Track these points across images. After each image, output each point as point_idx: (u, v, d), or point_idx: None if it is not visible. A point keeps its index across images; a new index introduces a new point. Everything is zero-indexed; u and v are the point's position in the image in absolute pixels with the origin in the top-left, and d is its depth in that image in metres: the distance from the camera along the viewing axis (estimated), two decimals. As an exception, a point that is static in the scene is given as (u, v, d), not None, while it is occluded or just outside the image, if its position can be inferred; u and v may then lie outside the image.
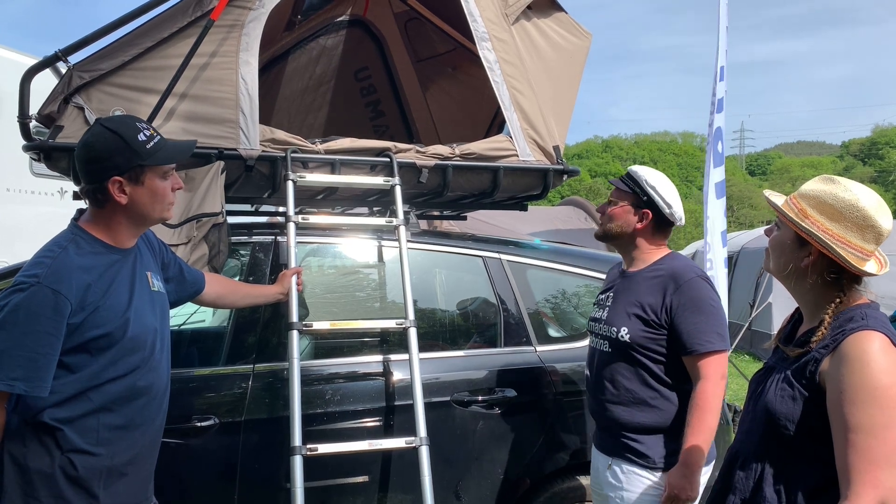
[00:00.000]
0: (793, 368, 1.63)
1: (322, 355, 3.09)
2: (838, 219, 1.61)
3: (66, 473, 1.87)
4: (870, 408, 1.46)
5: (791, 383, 1.61)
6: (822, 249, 1.61)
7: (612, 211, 2.52)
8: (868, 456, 1.45)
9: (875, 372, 1.47)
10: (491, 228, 6.94)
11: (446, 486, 2.89)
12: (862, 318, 1.58)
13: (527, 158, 3.40)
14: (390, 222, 3.05)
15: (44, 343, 1.81)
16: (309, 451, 2.57)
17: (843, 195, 1.62)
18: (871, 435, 1.45)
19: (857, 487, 1.45)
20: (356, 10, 4.80)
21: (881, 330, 1.53)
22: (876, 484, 1.44)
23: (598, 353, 2.52)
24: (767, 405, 1.64)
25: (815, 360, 1.58)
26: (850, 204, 1.60)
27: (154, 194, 2.00)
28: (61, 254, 1.90)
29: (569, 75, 3.63)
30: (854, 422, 1.47)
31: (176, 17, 2.82)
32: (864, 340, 1.51)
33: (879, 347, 1.50)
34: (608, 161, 63.81)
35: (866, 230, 1.60)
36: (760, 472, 1.64)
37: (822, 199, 1.63)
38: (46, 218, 5.95)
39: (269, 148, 2.98)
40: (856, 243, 1.60)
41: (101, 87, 2.77)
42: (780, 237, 1.71)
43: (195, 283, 2.42)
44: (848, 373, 1.49)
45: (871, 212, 1.60)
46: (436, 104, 4.81)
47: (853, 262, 1.58)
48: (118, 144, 1.93)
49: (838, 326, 1.59)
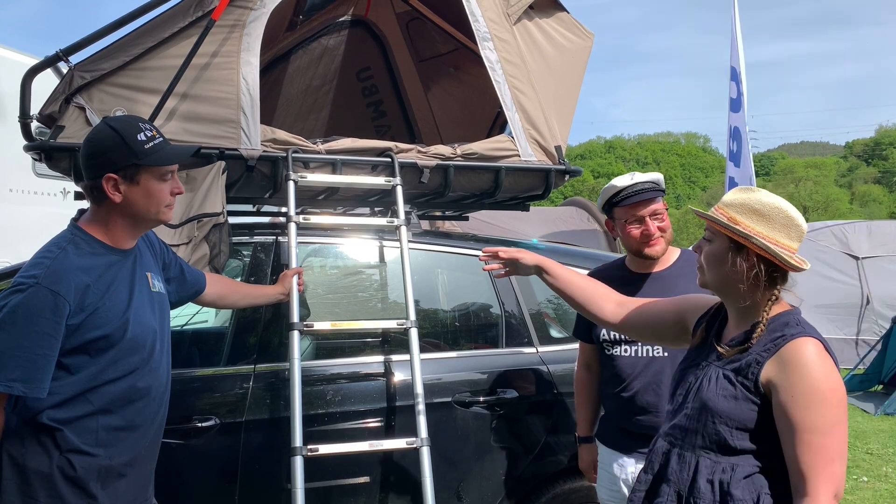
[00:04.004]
0: (732, 368, 1.72)
1: (323, 356, 3.09)
2: (767, 221, 1.72)
3: (65, 474, 1.87)
4: (820, 409, 1.59)
5: (732, 382, 1.71)
6: (758, 251, 1.71)
7: (662, 217, 2.53)
8: (823, 453, 1.58)
9: (818, 377, 1.61)
10: (493, 229, 6.95)
11: (447, 487, 2.89)
12: (797, 323, 1.71)
13: (529, 159, 3.40)
14: (392, 222, 3.05)
15: (42, 344, 1.81)
16: (310, 452, 2.56)
17: (767, 200, 1.74)
18: (824, 434, 1.58)
19: (815, 483, 1.57)
20: (358, 11, 4.80)
21: (815, 336, 1.67)
22: (832, 478, 1.58)
23: (650, 359, 2.48)
24: (707, 402, 1.73)
25: (756, 363, 1.68)
26: (775, 206, 1.73)
27: (149, 195, 1.99)
28: (60, 254, 1.89)
29: (571, 75, 3.63)
30: (807, 424, 1.59)
31: (177, 17, 2.82)
32: (804, 346, 1.64)
33: (817, 353, 1.63)
34: (611, 162, 63.82)
35: (791, 229, 1.73)
36: (696, 466, 1.73)
37: (749, 206, 1.74)
38: (49, 218, 5.95)
39: (270, 148, 2.97)
40: (784, 242, 1.71)
41: (102, 87, 2.77)
42: (714, 248, 1.79)
43: (196, 283, 2.42)
44: (797, 379, 1.61)
45: (792, 212, 1.74)
46: (437, 104, 4.81)
47: (787, 260, 1.69)
48: (115, 142, 1.94)
49: (776, 330, 1.70)
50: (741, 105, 5.66)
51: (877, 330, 9.28)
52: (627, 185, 2.51)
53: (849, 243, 9.94)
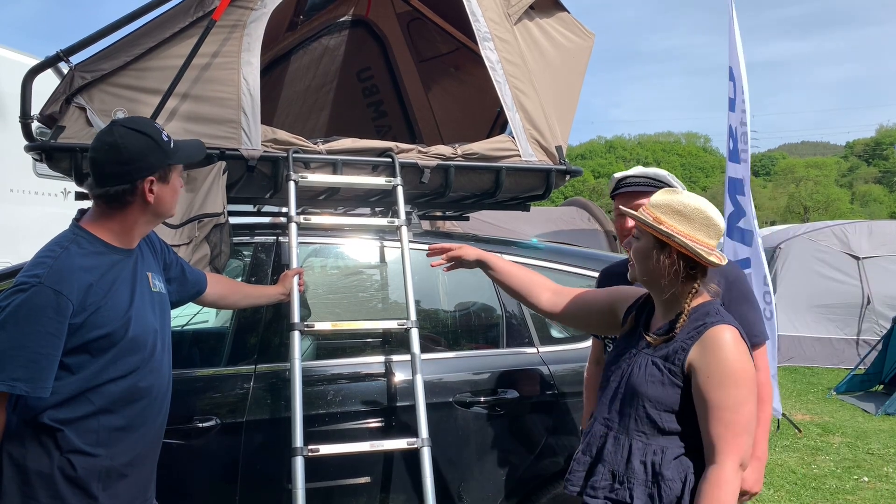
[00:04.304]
0: (661, 355, 1.91)
1: (324, 356, 3.09)
2: (688, 221, 1.90)
3: (65, 474, 1.87)
4: (731, 388, 1.80)
5: (660, 369, 1.89)
6: (679, 248, 1.89)
7: None
8: (732, 427, 1.78)
9: (733, 359, 1.81)
10: (493, 229, 6.95)
11: (448, 488, 2.88)
12: (717, 313, 1.91)
13: (529, 159, 3.39)
14: (392, 223, 3.05)
15: (45, 344, 1.81)
16: (310, 452, 2.56)
17: (689, 201, 1.92)
18: (733, 410, 1.79)
19: (724, 453, 1.78)
20: (358, 11, 4.80)
21: (732, 324, 1.88)
22: (738, 449, 1.79)
23: None
24: (637, 388, 1.91)
25: (683, 350, 1.87)
26: (696, 208, 1.91)
27: (175, 192, 2.09)
28: (63, 254, 1.89)
29: (571, 75, 3.62)
30: (720, 401, 1.79)
31: (178, 17, 2.82)
32: (722, 333, 1.84)
33: (733, 338, 1.84)
34: (611, 161, 63.82)
35: (710, 228, 1.90)
36: (629, 448, 1.90)
37: (673, 207, 1.92)
38: (50, 218, 5.95)
39: (270, 148, 2.97)
40: (703, 240, 1.89)
41: (102, 88, 2.77)
42: (642, 245, 1.97)
43: (197, 283, 2.42)
44: (713, 361, 1.82)
45: (711, 213, 1.91)
46: (438, 104, 4.81)
47: (705, 256, 1.87)
48: (150, 145, 1.98)
49: (698, 319, 1.90)
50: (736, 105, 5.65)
51: (877, 330, 9.27)
52: (623, 176, 2.52)
53: (849, 243, 9.93)
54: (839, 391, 8.06)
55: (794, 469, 5.48)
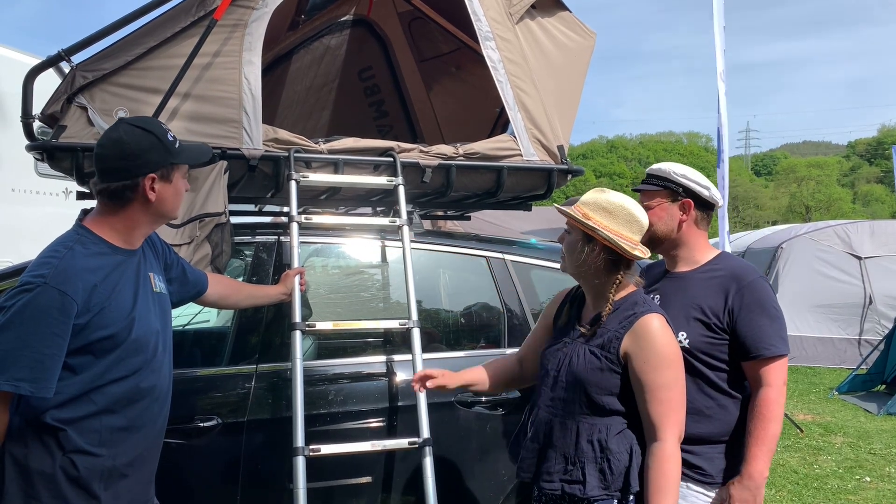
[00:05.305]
0: (597, 344, 2.06)
1: (325, 356, 3.08)
2: (613, 217, 2.06)
3: (67, 474, 1.87)
4: (665, 370, 1.98)
5: (598, 357, 2.05)
6: (604, 242, 2.04)
7: (652, 212, 2.29)
8: (669, 405, 1.98)
9: (663, 344, 2.00)
10: (495, 229, 6.94)
11: (450, 487, 2.88)
12: (644, 302, 2.09)
13: (531, 158, 3.39)
14: (394, 222, 3.04)
15: (50, 344, 1.81)
16: (312, 452, 2.56)
17: (614, 199, 2.08)
18: (668, 389, 1.98)
19: (664, 429, 1.97)
20: (360, 10, 4.79)
21: (658, 311, 2.06)
22: (677, 423, 1.98)
23: None
24: (578, 375, 2.06)
25: (617, 339, 2.03)
26: (620, 205, 2.07)
27: (177, 192, 2.08)
28: (67, 254, 1.89)
29: (573, 74, 3.62)
30: (657, 382, 1.98)
31: (179, 16, 2.82)
32: (651, 321, 2.02)
33: (661, 326, 2.02)
34: (613, 161, 63.77)
35: (633, 224, 2.07)
36: (577, 430, 2.05)
37: (599, 204, 2.08)
38: (51, 218, 5.95)
39: (272, 148, 2.97)
40: (627, 235, 2.05)
41: (104, 87, 2.77)
42: (572, 239, 2.13)
43: (198, 283, 2.42)
44: (648, 346, 1.99)
45: (634, 210, 2.08)
46: (440, 104, 4.80)
47: (628, 250, 2.03)
48: (153, 142, 1.98)
49: (627, 308, 2.06)
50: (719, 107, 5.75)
51: (879, 330, 9.27)
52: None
53: (851, 243, 9.93)
54: (841, 391, 8.06)
55: (795, 469, 5.48)
